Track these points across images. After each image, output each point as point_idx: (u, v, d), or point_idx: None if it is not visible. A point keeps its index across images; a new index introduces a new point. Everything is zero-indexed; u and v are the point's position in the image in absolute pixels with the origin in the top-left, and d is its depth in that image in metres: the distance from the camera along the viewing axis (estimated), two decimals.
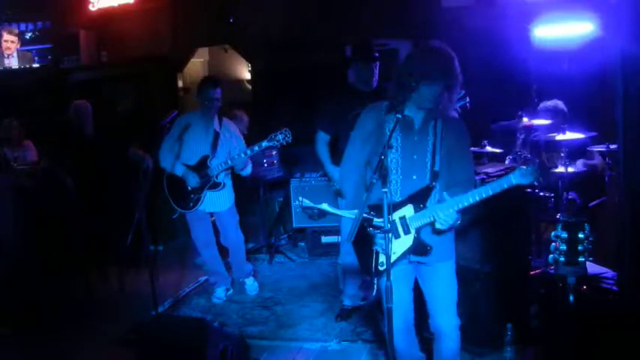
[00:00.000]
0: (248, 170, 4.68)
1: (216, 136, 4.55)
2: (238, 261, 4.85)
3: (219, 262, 4.84)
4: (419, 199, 2.60)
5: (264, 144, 4.32)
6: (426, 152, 2.63)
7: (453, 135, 2.65)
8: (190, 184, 4.49)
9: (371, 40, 4.23)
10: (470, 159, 2.75)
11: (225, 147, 4.58)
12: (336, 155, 4.12)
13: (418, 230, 2.60)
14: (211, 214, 4.75)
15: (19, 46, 7.07)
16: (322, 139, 4.15)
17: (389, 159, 2.61)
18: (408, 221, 2.60)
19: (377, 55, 4.01)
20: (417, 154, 2.64)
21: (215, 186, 4.53)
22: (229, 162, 4.46)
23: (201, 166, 4.51)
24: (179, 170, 4.52)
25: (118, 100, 7.18)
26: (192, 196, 4.52)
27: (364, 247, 2.67)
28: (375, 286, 2.77)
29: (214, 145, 4.53)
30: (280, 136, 4.25)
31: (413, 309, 2.83)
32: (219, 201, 4.61)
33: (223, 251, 4.90)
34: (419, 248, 2.61)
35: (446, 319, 2.74)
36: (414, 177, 2.63)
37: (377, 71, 3.98)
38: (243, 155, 4.41)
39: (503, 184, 2.44)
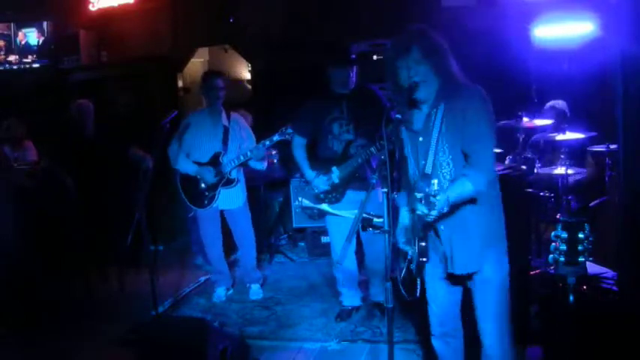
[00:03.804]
0: (265, 164, 4.66)
1: (226, 131, 4.54)
2: (249, 262, 4.83)
3: (223, 262, 4.83)
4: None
5: (276, 137, 4.31)
6: (428, 153, 2.43)
7: (458, 114, 2.39)
8: (207, 181, 4.49)
9: (347, 43, 4.19)
10: (480, 133, 2.39)
11: (236, 141, 4.57)
12: (314, 160, 4.10)
13: (421, 238, 2.47)
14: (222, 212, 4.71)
15: None
16: (299, 144, 4.10)
17: (410, 170, 2.57)
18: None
19: (354, 57, 3.99)
20: (425, 158, 2.45)
21: (229, 183, 4.53)
22: (242, 157, 4.46)
23: (213, 164, 4.51)
24: (192, 169, 4.52)
25: (118, 100, 7.17)
26: (206, 193, 4.53)
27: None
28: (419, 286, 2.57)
29: (225, 141, 4.52)
30: (291, 129, 4.21)
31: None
32: (233, 198, 4.61)
33: (227, 251, 4.90)
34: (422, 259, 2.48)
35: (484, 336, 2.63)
36: (418, 182, 2.50)
37: (353, 74, 3.89)
38: (261, 147, 4.39)
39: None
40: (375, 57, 5.70)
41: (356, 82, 3.93)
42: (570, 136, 4.44)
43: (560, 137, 4.44)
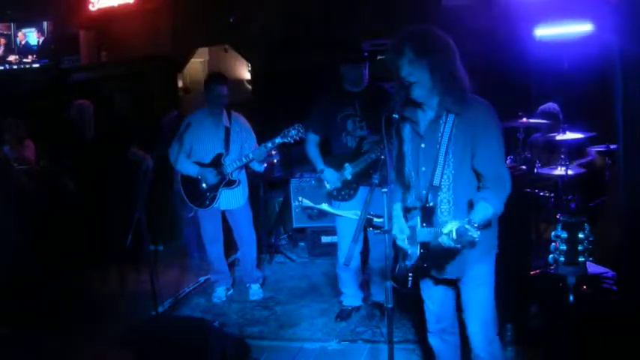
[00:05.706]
0: (264, 166, 4.65)
1: (227, 132, 4.53)
2: (249, 262, 4.82)
3: (223, 261, 4.83)
4: (426, 216, 2.44)
5: (278, 140, 4.28)
6: (434, 162, 2.43)
7: (470, 128, 2.39)
8: (209, 182, 4.48)
9: (359, 41, 4.18)
10: (495, 151, 2.40)
11: (237, 142, 4.56)
12: (328, 156, 4.10)
13: (424, 245, 2.45)
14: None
15: None
16: (312, 141, 4.12)
17: (406, 169, 2.57)
18: (416, 233, 2.47)
19: (366, 54, 3.98)
20: (426, 165, 2.48)
21: (230, 184, 4.52)
22: (244, 159, 4.45)
23: (215, 164, 4.50)
24: (194, 171, 4.51)
25: (117, 100, 7.18)
26: (207, 194, 4.51)
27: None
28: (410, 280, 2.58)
29: (227, 142, 4.51)
30: (293, 132, 4.19)
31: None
32: (234, 198, 4.60)
33: (227, 251, 4.90)
34: (421, 264, 2.49)
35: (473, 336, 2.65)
36: (424, 191, 2.48)
37: (366, 71, 3.93)
38: (263, 148, 4.37)
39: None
40: (377, 57, 5.70)
41: (367, 80, 3.95)
42: (570, 135, 4.44)
43: (559, 137, 4.44)
